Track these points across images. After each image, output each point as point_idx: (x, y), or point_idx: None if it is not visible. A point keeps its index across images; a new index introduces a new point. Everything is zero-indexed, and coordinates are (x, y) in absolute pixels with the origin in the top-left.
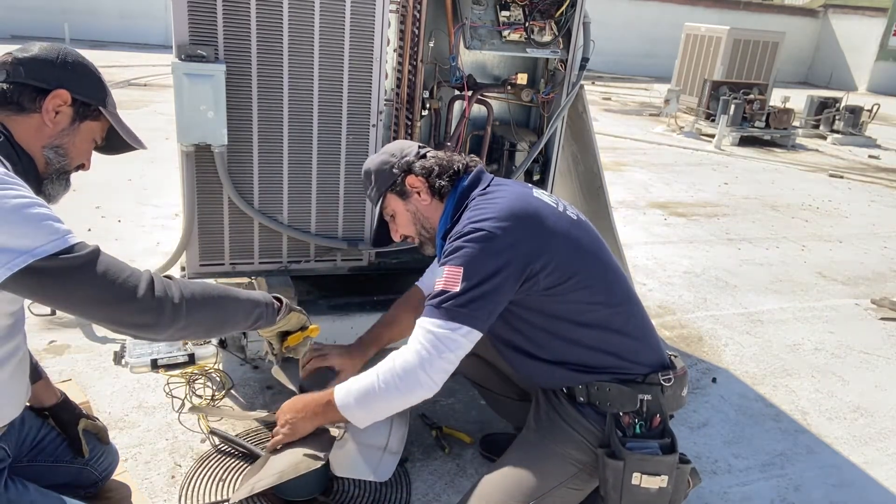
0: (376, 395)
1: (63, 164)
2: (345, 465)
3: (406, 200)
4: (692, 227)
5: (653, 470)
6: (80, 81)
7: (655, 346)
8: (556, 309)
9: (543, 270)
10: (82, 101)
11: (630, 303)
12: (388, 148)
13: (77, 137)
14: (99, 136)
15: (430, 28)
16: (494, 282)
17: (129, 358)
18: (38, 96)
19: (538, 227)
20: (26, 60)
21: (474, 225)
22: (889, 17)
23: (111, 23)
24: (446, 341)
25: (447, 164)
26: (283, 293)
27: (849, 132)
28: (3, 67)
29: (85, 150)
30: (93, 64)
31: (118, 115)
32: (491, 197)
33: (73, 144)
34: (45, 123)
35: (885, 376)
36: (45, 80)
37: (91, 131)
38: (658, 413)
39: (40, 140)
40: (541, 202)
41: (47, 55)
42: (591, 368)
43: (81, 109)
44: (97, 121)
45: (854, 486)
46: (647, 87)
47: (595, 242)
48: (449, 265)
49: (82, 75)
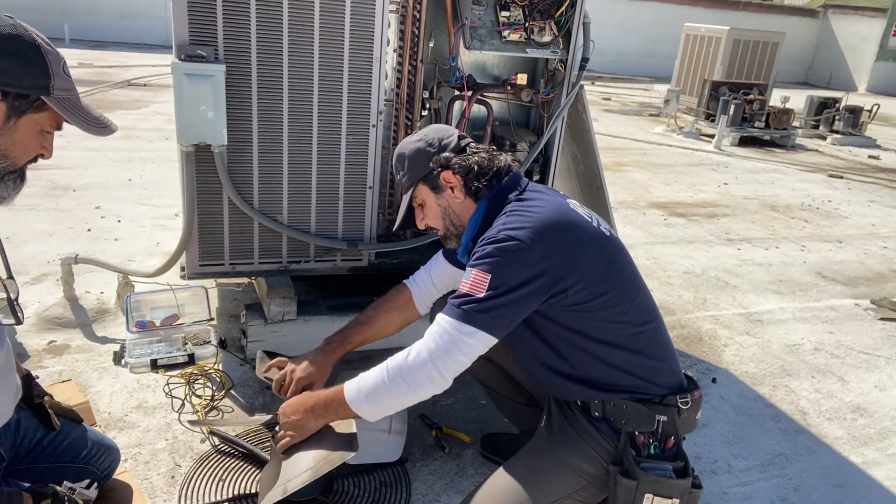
0: (387, 391)
1: (5, 166)
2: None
3: (438, 194)
4: (692, 227)
5: (666, 493)
6: (10, 69)
7: (675, 368)
8: (580, 325)
9: (574, 287)
10: (16, 93)
11: (655, 322)
12: (426, 133)
13: (17, 135)
14: (50, 125)
15: (430, 28)
16: (520, 292)
17: (128, 358)
18: None
19: (572, 243)
20: None
21: (508, 233)
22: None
23: (111, 23)
24: (461, 343)
25: (488, 164)
26: (283, 293)
27: (848, 132)
28: None
29: (32, 145)
30: (35, 38)
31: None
32: (528, 205)
33: (13, 143)
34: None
35: (885, 376)
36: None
37: (36, 123)
38: (673, 435)
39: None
40: (577, 215)
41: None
42: (609, 386)
43: (17, 103)
44: (41, 111)
45: (854, 486)
46: (646, 88)
47: (625, 260)
48: (477, 269)
49: (15, 61)
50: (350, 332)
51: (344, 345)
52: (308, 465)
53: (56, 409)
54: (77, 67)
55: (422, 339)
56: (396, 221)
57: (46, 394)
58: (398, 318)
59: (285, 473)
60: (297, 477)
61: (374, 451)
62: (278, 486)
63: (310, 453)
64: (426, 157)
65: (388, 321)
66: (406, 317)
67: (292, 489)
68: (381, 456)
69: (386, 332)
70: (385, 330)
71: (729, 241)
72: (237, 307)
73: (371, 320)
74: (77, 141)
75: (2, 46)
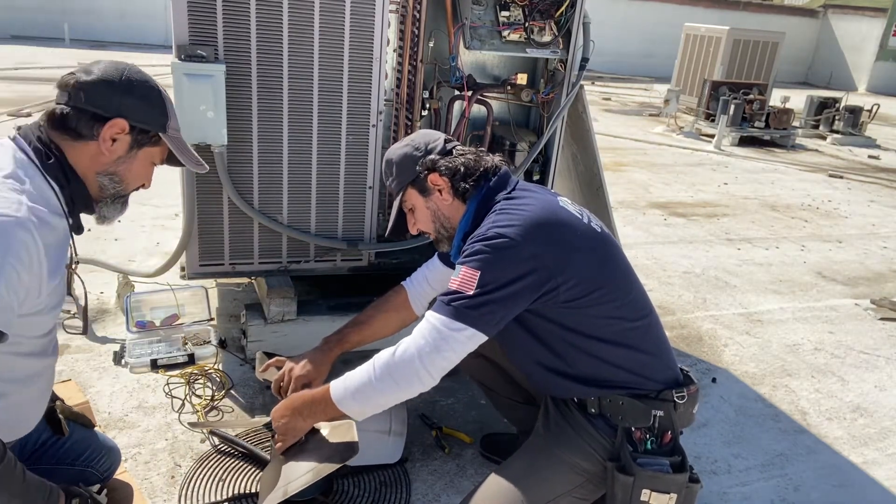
0: (373, 389)
1: (118, 190)
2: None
3: (427, 197)
4: (692, 227)
5: (663, 488)
6: (140, 108)
7: (670, 363)
8: (574, 322)
9: (565, 284)
10: (141, 128)
11: (649, 318)
12: (413, 138)
13: (134, 164)
14: (158, 159)
15: (430, 28)
16: (510, 290)
17: (128, 358)
18: (95, 123)
19: (562, 240)
20: (88, 85)
21: (498, 230)
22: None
23: (111, 23)
24: (450, 340)
25: (474, 165)
26: (283, 293)
27: (848, 132)
28: (64, 90)
29: (143, 174)
30: (157, 84)
31: (179, 138)
32: (517, 203)
33: (130, 170)
34: (101, 151)
35: (884, 376)
36: (105, 108)
37: (150, 156)
38: (669, 430)
39: (95, 167)
40: (567, 213)
41: (110, 78)
42: (604, 382)
43: (140, 137)
44: (157, 146)
45: (854, 486)
46: (646, 88)
47: (618, 257)
48: (466, 266)
49: (143, 101)
50: (348, 332)
51: (342, 344)
52: (309, 466)
53: (67, 415)
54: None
55: (410, 336)
56: (388, 228)
57: (58, 398)
58: (395, 319)
59: (286, 475)
60: (298, 479)
61: (374, 452)
62: (279, 488)
63: (311, 455)
64: (413, 162)
65: (386, 322)
66: (403, 318)
67: (293, 491)
68: (382, 457)
69: (383, 332)
70: (382, 330)
71: (729, 240)
72: (237, 307)
73: (369, 320)
74: None
75: (136, 89)
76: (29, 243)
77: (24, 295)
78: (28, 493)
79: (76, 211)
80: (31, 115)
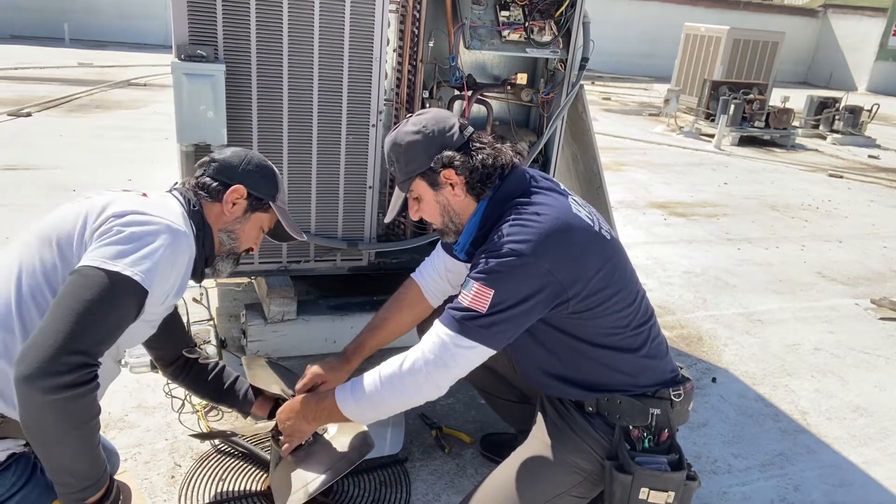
0: (380, 398)
1: (233, 247)
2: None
3: (437, 191)
4: (692, 227)
5: (661, 486)
6: (256, 180)
7: (668, 363)
8: (581, 331)
9: (576, 297)
10: (256, 196)
11: (649, 323)
12: (423, 121)
13: (248, 225)
14: (266, 226)
15: (430, 28)
16: (523, 307)
17: (129, 358)
18: (222, 189)
19: (576, 253)
20: (218, 163)
21: (511, 246)
22: (889, 17)
23: (111, 23)
24: (459, 357)
25: (492, 164)
26: (283, 293)
27: (848, 132)
28: (202, 166)
29: (253, 237)
30: (271, 166)
31: (285, 210)
32: (531, 211)
33: (244, 231)
34: (223, 212)
35: (884, 376)
36: (230, 178)
37: (260, 221)
38: (666, 428)
39: (218, 223)
40: (579, 220)
41: (235, 160)
42: (607, 386)
43: (254, 203)
44: (266, 213)
45: (854, 486)
46: (646, 87)
47: (625, 265)
48: (479, 283)
49: (260, 175)
50: (365, 339)
51: (360, 352)
52: (326, 465)
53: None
54: (77, 67)
55: (417, 347)
56: (388, 213)
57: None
58: (410, 315)
59: (301, 476)
60: (317, 478)
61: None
62: (298, 490)
63: (325, 454)
64: (424, 151)
65: (401, 320)
66: (418, 312)
67: (314, 491)
68: (384, 449)
69: (400, 331)
70: (399, 329)
71: (729, 240)
72: (237, 307)
73: (384, 322)
74: (77, 141)
75: (256, 168)
76: (189, 255)
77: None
78: (97, 461)
79: (201, 257)
80: (31, 115)
